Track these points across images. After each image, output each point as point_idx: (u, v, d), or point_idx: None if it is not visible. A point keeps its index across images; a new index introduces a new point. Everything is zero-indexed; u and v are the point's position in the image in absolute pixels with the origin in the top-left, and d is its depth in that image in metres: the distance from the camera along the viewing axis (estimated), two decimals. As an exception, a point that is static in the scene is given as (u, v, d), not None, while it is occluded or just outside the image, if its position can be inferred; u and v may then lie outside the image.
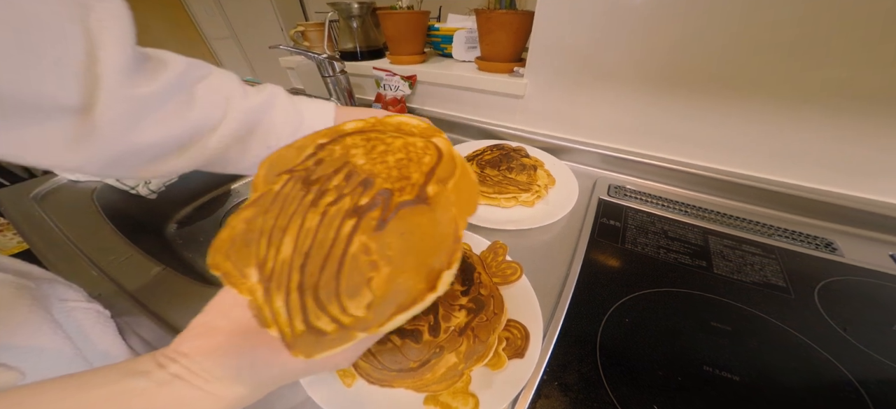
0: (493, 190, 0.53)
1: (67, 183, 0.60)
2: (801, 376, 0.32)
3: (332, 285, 0.17)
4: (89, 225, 0.53)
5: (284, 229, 0.19)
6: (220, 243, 0.20)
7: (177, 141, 0.30)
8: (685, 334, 0.36)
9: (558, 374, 0.32)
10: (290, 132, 0.36)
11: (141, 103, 0.26)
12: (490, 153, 0.61)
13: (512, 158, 0.58)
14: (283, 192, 0.21)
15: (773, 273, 0.43)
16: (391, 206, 0.19)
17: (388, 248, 0.18)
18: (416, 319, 0.30)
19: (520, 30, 0.65)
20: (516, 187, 0.53)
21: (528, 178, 0.55)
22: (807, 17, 0.43)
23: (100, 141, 0.24)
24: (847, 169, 0.50)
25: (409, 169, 0.22)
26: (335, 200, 0.20)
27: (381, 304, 0.17)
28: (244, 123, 0.33)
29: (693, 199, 0.57)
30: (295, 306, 0.17)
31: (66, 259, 0.46)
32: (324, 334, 0.17)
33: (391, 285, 0.17)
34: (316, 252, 0.18)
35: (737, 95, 0.51)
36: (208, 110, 0.31)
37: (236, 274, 0.19)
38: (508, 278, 0.39)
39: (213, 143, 0.32)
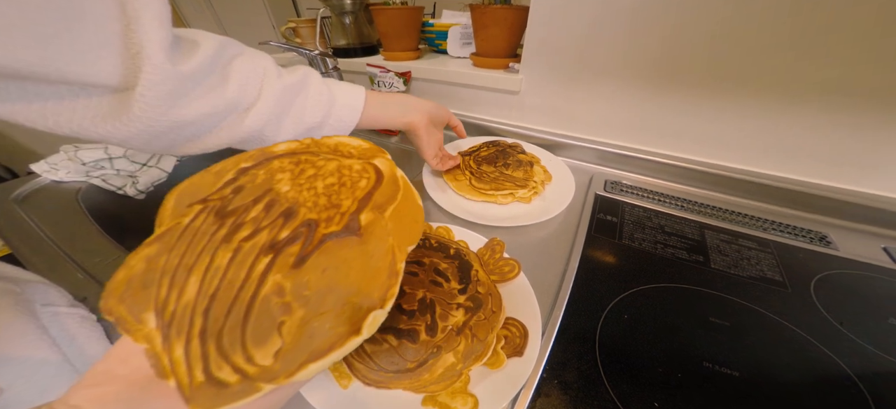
0: (489, 187, 0.53)
1: (50, 184, 0.58)
2: (800, 371, 0.32)
3: (237, 332, 0.16)
4: (74, 227, 0.51)
5: (190, 268, 0.18)
6: (115, 286, 0.18)
7: (214, 118, 0.30)
8: (684, 330, 0.35)
9: (558, 372, 0.31)
10: (323, 114, 0.38)
11: (181, 81, 0.26)
12: (486, 150, 0.60)
13: (508, 155, 0.58)
14: (193, 226, 0.19)
15: (769, 267, 0.43)
16: (315, 239, 0.18)
17: (306, 287, 0.16)
18: (412, 319, 0.29)
19: (514, 25, 0.65)
20: (513, 184, 0.53)
21: (524, 174, 0.54)
22: (799, 12, 0.43)
23: (143, 117, 0.25)
24: (840, 163, 0.50)
25: (340, 196, 0.20)
26: (251, 234, 0.18)
27: (291, 351, 0.15)
28: (278, 102, 0.34)
29: (689, 193, 0.57)
30: (195, 354, 0.15)
31: (50, 262, 0.44)
32: (225, 385, 0.15)
33: (304, 330, 0.15)
34: (223, 294, 0.17)
35: (730, 89, 0.51)
36: (244, 88, 0.31)
37: (131, 320, 0.17)
38: (506, 275, 0.38)
39: (249, 121, 0.33)
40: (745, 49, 0.48)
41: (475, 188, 0.53)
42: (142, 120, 0.25)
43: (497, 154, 0.59)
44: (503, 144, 0.62)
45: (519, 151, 0.60)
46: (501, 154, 0.58)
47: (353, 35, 0.90)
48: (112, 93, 0.24)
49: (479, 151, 0.61)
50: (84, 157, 0.58)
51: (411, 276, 0.32)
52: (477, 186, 0.53)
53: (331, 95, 0.38)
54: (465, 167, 0.57)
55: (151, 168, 0.64)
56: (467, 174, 0.55)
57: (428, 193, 0.54)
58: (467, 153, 0.60)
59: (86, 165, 0.58)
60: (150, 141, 0.27)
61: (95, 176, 0.59)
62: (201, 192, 0.21)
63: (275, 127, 0.35)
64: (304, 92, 0.37)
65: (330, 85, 0.39)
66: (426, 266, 0.34)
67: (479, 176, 0.55)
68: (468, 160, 0.58)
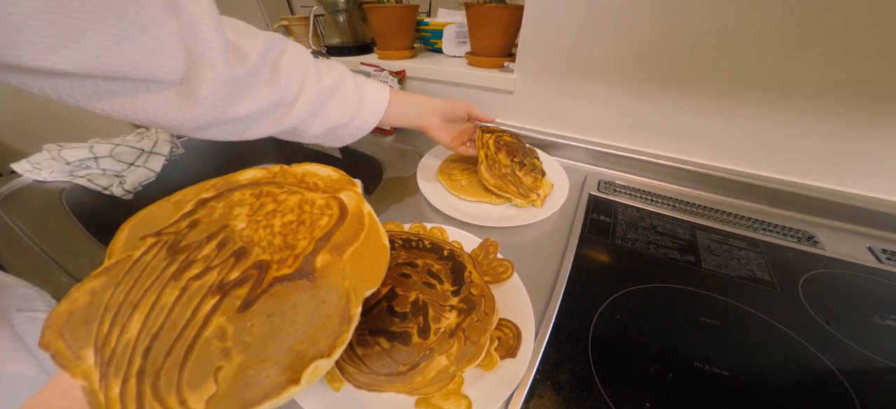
0: (494, 182, 0.50)
1: (33, 184, 0.57)
2: (788, 369, 0.33)
3: (173, 373, 0.15)
4: (57, 228, 0.50)
5: (135, 305, 0.17)
6: (55, 319, 0.17)
7: (264, 113, 0.33)
8: (675, 330, 0.36)
9: (551, 373, 0.31)
10: (350, 116, 0.40)
11: (237, 84, 0.29)
12: (510, 136, 0.57)
13: (526, 154, 0.56)
14: (143, 259, 0.19)
15: (758, 267, 0.43)
16: (264, 282, 0.17)
17: (248, 333, 0.16)
18: (404, 321, 0.29)
19: (510, 24, 0.64)
20: (517, 189, 0.51)
21: (533, 182, 0.53)
22: (789, 12, 0.44)
23: (207, 114, 0.28)
24: (827, 162, 0.51)
25: (297, 235, 0.20)
26: (200, 273, 0.18)
27: (224, 399, 0.15)
28: (315, 101, 0.36)
29: (681, 194, 0.58)
30: (130, 394, 0.15)
31: (32, 265, 0.43)
32: None
33: (240, 378, 0.15)
34: (165, 334, 0.16)
35: (720, 89, 0.52)
36: (288, 87, 0.34)
37: (69, 355, 0.16)
38: (500, 276, 0.38)
39: (292, 116, 0.35)
40: (735, 49, 0.48)
41: (472, 184, 0.53)
42: (205, 116, 0.28)
43: (518, 148, 0.56)
44: (522, 141, 0.59)
45: (535, 156, 0.59)
46: (521, 150, 0.56)
47: (346, 33, 0.89)
48: (177, 87, 0.27)
49: (503, 135, 0.57)
50: (68, 156, 0.56)
51: (404, 278, 0.32)
52: (483, 175, 0.50)
53: (360, 100, 0.41)
54: (482, 145, 0.53)
55: (139, 168, 0.63)
56: (482, 154, 0.52)
57: (422, 193, 0.54)
58: (489, 130, 0.56)
59: (70, 164, 0.57)
60: (207, 131, 0.31)
61: (80, 176, 0.58)
62: (157, 224, 0.21)
63: (309, 123, 0.37)
64: (339, 94, 0.39)
65: (361, 88, 0.41)
66: (419, 268, 0.34)
67: (491, 163, 0.51)
68: (487, 139, 0.55)
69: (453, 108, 0.50)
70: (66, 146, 0.57)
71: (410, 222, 0.46)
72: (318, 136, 0.40)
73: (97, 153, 0.59)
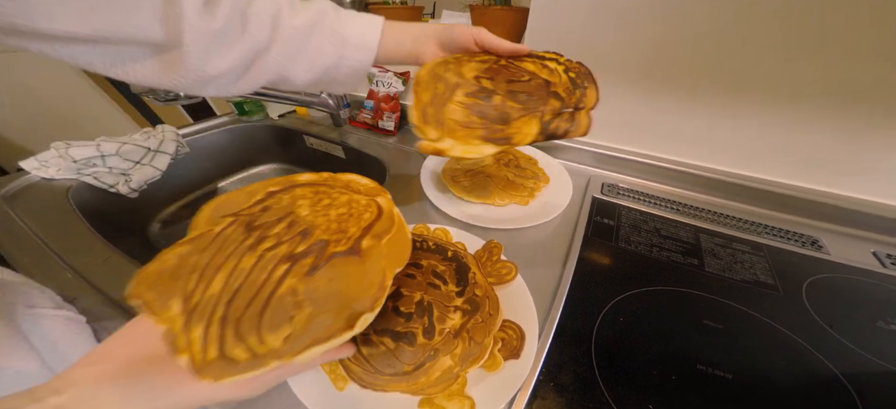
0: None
1: (40, 181, 0.57)
2: (792, 373, 0.33)
3: (254, 320, 0.19)
4: (64, 226, 0.50)
5: (218, 267, 0.21)
6: (147, 275, 0.21)
7: (244, 64, 0.32)
8: (679, 333, 0.36)
9: (554, 374, 0.31)
10: (337, 55, 0.36)
11: (213, 37, 0.28)
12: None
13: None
14: (224, 233, 0.23)
15: (762, 271, 0.43)
16: (324, 255, 0.22)
17: (315, 291, 0.20)
18: (409, 321, 0.29)
19: (514, 26, 0.65)
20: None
21: (533, 185, 0.55)
22: (790, 14, 0.44)
23: (193, 70, 0.29)
24: (830, 166, 0.51)
25: (348, 223, 0.25)
26: (273, 245, 0.22)
27: (298, 337, 0.19)
28: (292, 43, 0.34)
29: (684, 197, 0.58)
30: (213, 336, 0.18)
31: (38, 262, 0.43)
32: (235, 362, 0.18)
33: (311, 323, 0.19)
34: (245, 291, 0.20)
35: (724, 92, 0.52)
36: (260, 32, 0.32)
37: (158, 303, 0.20)
38: (504, 277, 0.38)
39: (271, 63, 0.33)
40: (736, 50, 0.48)
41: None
42: (193, 72, 0.29)
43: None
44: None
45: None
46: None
47: (350, 34, 0.90)
48: (165, 50, 0.27)
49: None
50: (75, 154, 0.57)
51: (409, 278, 0.32)
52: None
53: (343, 36, 0.36)
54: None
55: (145, 166, 0.64)
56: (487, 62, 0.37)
57: (426, 195, 0.54)
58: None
59: (77, 162, 0.57)
60: (203, 89, 0.31)
61: (87, 174, 0.58)
62: (234, 207, 0.25)
63: (292, 68, 0.35)
64: (319, 31, 0.35)
65: (344, 22, 0.36)
66: (424, 268, 0.34)
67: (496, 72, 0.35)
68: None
69: (452, 34, 0.37)
70: (73, 144, 0.58)
71: (414, 223, 0.46)
72: (310, 82, 0.37)
73: (104, 152, 0.59)
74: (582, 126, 0.33)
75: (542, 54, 0.38)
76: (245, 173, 0.88)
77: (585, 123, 0.33)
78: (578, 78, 0.35)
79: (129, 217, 0.65)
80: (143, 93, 0.49)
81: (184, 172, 0.74)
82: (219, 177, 0.84)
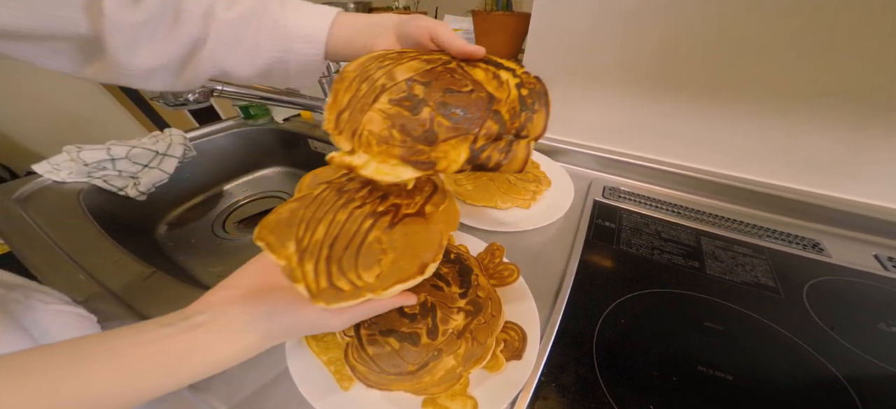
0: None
1: (52, 184, 0.59)
2: (792, 375, 0.33)
3: (352, 260, 0.24)
4: (75, 228, 0.51)
5: (320, 220, 0.26)
6: (268, 223, 0.25)
7: (178, 61, 0.31)
8: (680, 335, 0.36)
9: (556, 375, 0.32)
10: (281, 48, 0.34)
11: (136, 30, 0.27)
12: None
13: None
14: (321, 195, 0.28)
15: (763, 273, 0.44)
16: (399, 215, 0.27)
17: (395, 242, 0.25)
18: (413, 322, 0.30)
19: (516, 31, 0.66)
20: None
21: (534, 189, 0.55)
22: (793, 17, 0.44)
23: (119, 64, 0.28)
24: (832, 170, 0.52)
25: (413, 193, 0.30)
26: (360, 205, 0.27)
27: (386, 275, 0.23)
28: (226, 37, 0.32)
29: (685, 200, 0.58)
30: (322, 269, 0.23)
31: (51, 263, 0.44)
32: (341, 290, 0.22)
33: (394, 265, 0.24)
34: (342, 238, 0.25)
35: (726, 95, 0.52)
36: (193, 26, 0.30)
37: (278, 244, 0.24)
38: (505, 279, 0.39)
39: (206, 58, 0.32)
40: (741, 54, 0.49)
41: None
42: (115, 66, 0.28)
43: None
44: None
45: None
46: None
47: (354, 39, 0.91)
48: (90, 42, 0.27)
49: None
50: (86, 157, 0.58)
51: (413, 280, 0.33)
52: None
53: (286, 29, 0.33)
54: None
55: (153, 169, 0.65)
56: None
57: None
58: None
59: (88, 165, 0.58)
60: (141, 81, 0.31)
61: (97, 177, 0.60)
62: (327, 177, 0.31)
63: (230, 61, 0.33)
64: (255, 24, 0.33)
65: (288, 15, 0.33)
66: (427, 270, 0.35)
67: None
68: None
69: (409, 27, 0.33)
70: (84, 148, 0.59)
71: (417, 226, 0.47)
72: (253, 76, 0.35)
73: (114, 155, 0.60)
74: (517, 160, 0.27)
75: (501, 61, 0.32)
76: (250, 176, 0.89)
77: (522, 156, 0.27)
78: (530, 97, 0.29)
79: (137, 219, 0.66)
80: (154, 97, 0.50)
81: (191, 176, 0.75)
82: (225, 180, 0.85)
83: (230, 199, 0.83)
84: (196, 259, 0.67)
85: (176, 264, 0.64)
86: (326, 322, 0.24)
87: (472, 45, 0.31)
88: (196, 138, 0.77)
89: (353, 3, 0.86)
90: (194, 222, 0.76)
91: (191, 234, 0.73)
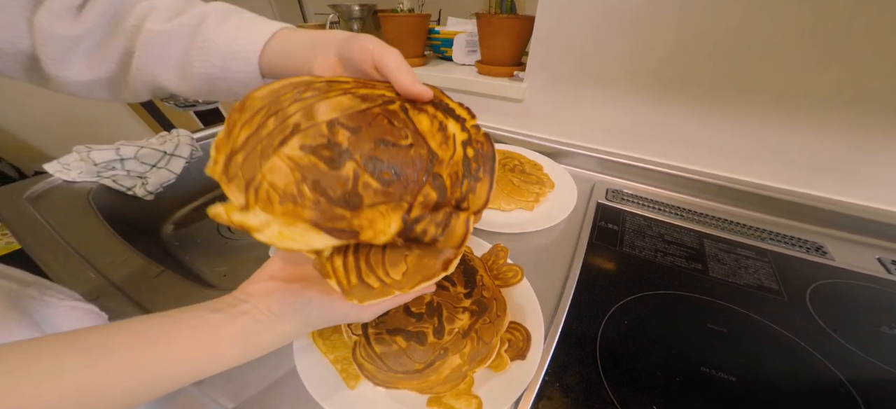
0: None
1: (62, 184, 0.59)
2: (795, 377, 0.33)
3: (379, 258, 0.22)
4: (85, 227, 0.52)
5: None
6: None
7: (109, 76, 0.31)
8: (682, 336, 0.36)
9: (560, 375, 0.32)
10: (213, 67, 0.31)
11: (72, 43, 0.28)
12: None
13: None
14: None
15: (766, 276, 0.44)
16: None
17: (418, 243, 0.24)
18: (420, 321, 0.30)
19: (520, 34, 0.66)
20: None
21: (538, 191, 0.56)
22: (799, 20, 0.45)
23: (45, 75, 0.29)
24: (836, 173, 0.52)
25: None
26: None
27: (412, 273, 0.22)
28: (152, 50, 0.30)
29: (688, 203, 0.58)
30: (351, 266, 0.21)
31: (62, 261, 0.45)
32: (371, 287, 0.21)
33: (419, 262, 0.22)
34: None
35: (730, 98, 0.53)
36: (123, 40, 0.30)
37: None
38: (509, 280, 0.39)
39: (136, 74, 0.31)
40: (747, 57, 0.49)
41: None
42: (54, 78, 0.29)
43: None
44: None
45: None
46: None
47: (359, 41, 0.92)
48: (26, 55, 0.28)
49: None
50: (96, 157, 0.59)
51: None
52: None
53: (216, 46, 0.30)
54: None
55: (161, 170, 0.66)
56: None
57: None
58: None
59: (97, 165, 0.59)
60: (84, 92, 0.31)
61: (106, 177, 0.60)
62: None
63: (161, 74, 0.31)
64: (185, 38, 0.30)
65: (225, 29, 0.31)
66: (433, 270, 0.35)
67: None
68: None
69: (352, 47, 0.28)
70: (94, 148, 0.60)
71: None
72: (191, 92, 0.33)
73: (123, 155, 0.61)
74: (455, 236, 0.23)
75: (452, 105, 0.27)
76: (255, 177, 0.89)
77: (461, 232, 0.23)
78: (476, 160, 0.25)
79: (145, 219, 0.67)
80: (165, 98, 0.51)
81: (196, 176, 0.76)
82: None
83: (235, 199, 0.83)
84: (201, 259, 0.67)
85: (182, 264, 0.65)
86: (358, 315, 0.25)
87: (419, 85, 0.26)
88: (202, 139, 0.78)
89: (357, 5, 0.86)
90: (199, 221, 0.76)
91: (196, 233, 0.74)
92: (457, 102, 0.27)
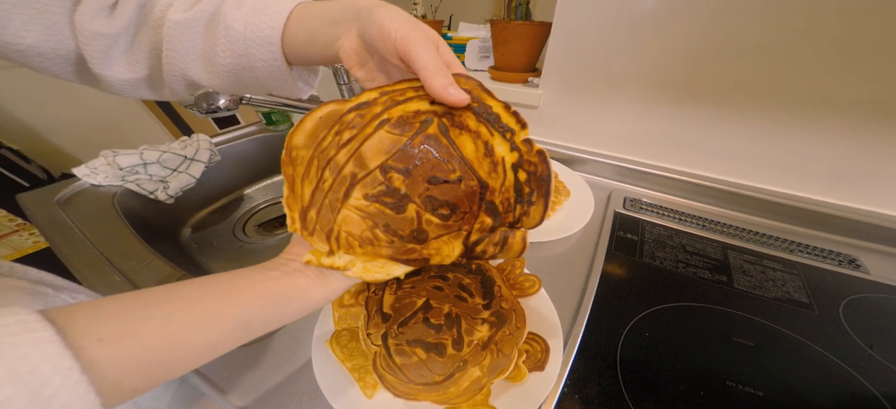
0: None
1: (89, 187, 0.62)
2: (827, 393, 0.32)
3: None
4: (110, 229, 0.54)
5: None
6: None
7: (148, 74, 0.31)
8: (707, 349, 0.35)
9: (579, 387, 0.32)
10: (236, 55, 0.29)
11: (110, 43, 0.29)
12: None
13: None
14: None
15: (795, 289, 0.42)
16: None
17: None
18: (439, 333, 0.30)
19: (536, 40, 0.66)
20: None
21: (554, 199, 0.55)
22: (831, 27, 0.43)
23: (102, 76, 0.30)
24: (871, 184, 0.49)
25: None
26: None
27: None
28: (177, 42, 0.29)
29: (711, 213, 0.57)
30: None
31: (90, 264, 0.47)
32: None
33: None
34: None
35: (756, 105, 0.51)
36: (152, 34, 0.29)
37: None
38: (527, 290, 0.38)
39: (168, 69, 0.30)
40: (775, 65, 0.47)
41: None
42: (99, 78, 0.30)
43: None
44: None
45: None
46: None
47: (372, 47, 0.92)
48: (73, 58, 0.29)
49: None
50: (121, 162, 0.61)
51: (437, 290, 0.33)
52: None
53: (236, 31, 0.28)
54: None
55: (181, 174, 0.67)
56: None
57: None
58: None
59: (122, 169, 0.61)
60: (132, 92, 0.32)
61: (130, 180, 0.62)
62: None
63: (191, 68, 0.30)
64: (208, 25, 0.29)
65: (244, 12, 0.28)
66: (451, 281, 0.35)
67: None
68: None
69: (372, 29, 0.24)
70: (120, 152, 0.62)
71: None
72: (221, 86, 0.31)
73: (146, 159, 0.63)
74: (514, 250, 0.24)
75: (497, 110, 0.23)
76: (271, 180, 0.91)
77: (519, 247, 0.24)
78: (529, 182, 0.23)
79: (164, 222, 0.69)
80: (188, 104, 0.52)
81: (214, 180, 0.78)
82: (246, 184, 0.88)
83: (250, 202, 0.85)
84: (218, 261, 0.69)
85: (200, 266, 0.66)
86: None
87: (453, 89, 0.22)
88: (220, 144, 0.80)
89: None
90: (216, 224, 0.78)
91: (213, 236, 0.76)
92: (502, 102, 0.23)
